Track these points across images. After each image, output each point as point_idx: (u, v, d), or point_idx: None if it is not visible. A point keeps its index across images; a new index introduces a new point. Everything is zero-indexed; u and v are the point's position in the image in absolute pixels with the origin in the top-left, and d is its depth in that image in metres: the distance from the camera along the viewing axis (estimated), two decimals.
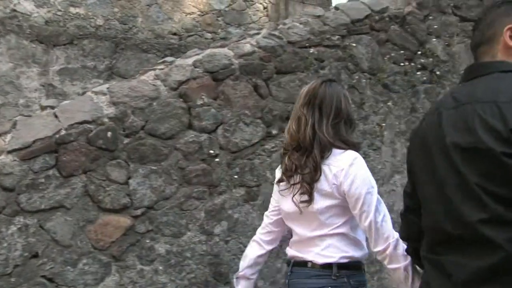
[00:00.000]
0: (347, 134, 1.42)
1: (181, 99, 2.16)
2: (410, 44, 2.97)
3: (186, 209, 2.17)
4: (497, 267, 0.84)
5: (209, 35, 4.59)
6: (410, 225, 1.15)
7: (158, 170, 2.08)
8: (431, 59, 3.03)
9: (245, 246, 2.25)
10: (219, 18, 4.77)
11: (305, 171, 1.36)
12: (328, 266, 1.36)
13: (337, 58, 2.64)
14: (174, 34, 4.44)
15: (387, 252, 1.29)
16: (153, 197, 2.08)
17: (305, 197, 1.36)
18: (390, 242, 1.30)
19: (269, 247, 1.57)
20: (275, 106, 2.38)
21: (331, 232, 1.37)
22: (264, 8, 4.97)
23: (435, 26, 3.09)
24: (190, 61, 2.22)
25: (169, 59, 2.32)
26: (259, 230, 1.61)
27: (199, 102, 2.18)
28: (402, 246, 1.28)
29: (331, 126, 1.38)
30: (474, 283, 0.87)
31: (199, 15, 4.65)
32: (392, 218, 2.67)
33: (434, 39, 3.08)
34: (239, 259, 2.23)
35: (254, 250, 1.58)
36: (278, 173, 1.50)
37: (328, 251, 1.37)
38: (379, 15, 2.88)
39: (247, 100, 2.33)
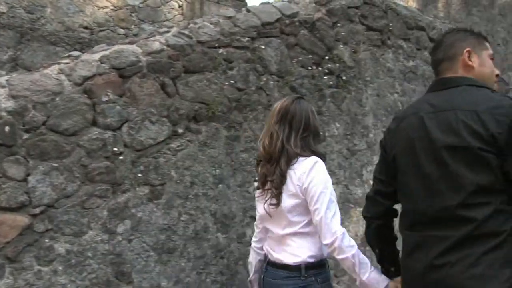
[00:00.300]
0: (314, 145, 1.91)
1: (85, 95, 2.42)
2: (319, 49, 3.52)
3: (88, 207, 2.41)
4: (471, 235, 1.34)
5: (122, 31, 4.83)
6: (378, 206, 1.70)
7: (60, 167, 2.30)
8: (338, 65, 3.62)
9: (149, 245, 2.64)
10: (133, 14, 5.05)
11: (274, 178, 1.82)
12: (296, 268, 1.79)
13: (246, 59, 3.08)
14: (85, 27, 4.61)
15: (335, 244, 1.71)
16: (54, 195, 2.28)
17: (274, 201, 1.83)
18: (337, 236, 1.71)
19: (264, 251, 2.02)
20: (182, 105, 2.74)
21: (300, 230, 1.82)
22: (179, 6, 5.34)
23: (343, 33, 3.69)
24: (96, 56, 2.50)
25: (75, 53, 2.57)
26: (253, 239, 2.11)
27: (104, 98, 2.47)
28: (349, 239, 1.73)
29: (300, 139, 1.84)
30: (455, 249, 1.36)
31: (112, 9, 4.88)
32: None
33: (342, 46, 3.67)
34: (142, 258, 2.61)
35: (253, 257, 2.08)
36: (255, 183, 1.99)
37: (299, 251, 1.81)
38: (289, 19, 3.39)
39: (153, 98, 2.66)
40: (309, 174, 1.78)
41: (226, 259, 2.89)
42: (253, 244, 2.11)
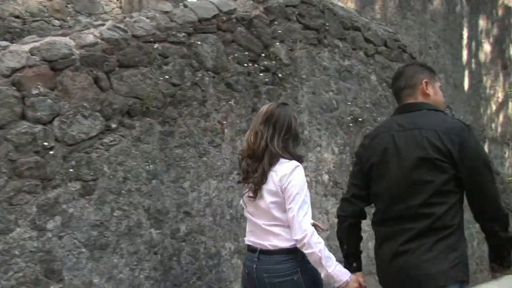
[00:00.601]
0: (293, 148, 2.19)
1: (14, 87, 2.48)
2: (255, 46, 3.74)
3: (16, 203, 2.46)
4: (429, 227, 1.83)
5: (57, 22, 4.80)
6: (353, 206, 2.13)
7: None
8: (274, 62, 3.84)
9: (80, 242, 2.74)
10: (69, 5, 5.03)
11: (255, 175, 2.12)
12: (292, 251, 2.09)
13: (181, 55, 3.24)
14: (17, 17, 4.54)
15: (304, 240, 2.00)
16: None
17: (251, 194, 2.14)
18: (307, 233, 2.00)
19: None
20: (115, 100, 2.86)
21: (280, 224, 2.11)
22: None
23: (280, 31, 3.92)
24: (26, 47, 2.56)
25: (3, 43, 2.61)
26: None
27: (35, 91, 2.54)
28: (317, 236, 2.03)
29: (281, 140, 2.13)
30: (416, 239, 1.84)
31: None
32: (230, 214, 3.44)
33: (278, 43, 3.91)
34: (74, 255, 2.71)
35: None
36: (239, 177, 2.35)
37: (289, 237, 2.08)
38: (226, 16, 3.57)
39: (86, 92, 2.76)
40: (289, 177, 2.09)
41: (160, 255, 3.04)
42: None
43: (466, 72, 14.73)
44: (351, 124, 4.40)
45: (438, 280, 1.84)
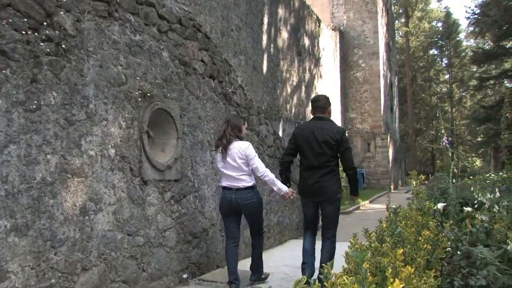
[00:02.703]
0: (240, 134, 5.00)
1: None
2: (36, 13, 3.59)
3: None
4: (328, 171, 4.80)
5: None
6: (289, 156, 5.10)
7: None
8: (58, 32, 3.75)
9: None
10: None
11: (224, 147, 4.88)
12: (252, 187, 4.90)
13: None
14: None
15: (263, 174, 4.86)
16: None
17: (223, 156, 4.87)
18: (264, 171, 4.85)
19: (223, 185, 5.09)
20: None
21: (246, 173, 4.86)
22: None
23: (65, 0, 3.85)
24: None
25: None
26: (218, 179, 5.28)
27: None
28: (269, 172, 4.92)
29: (232, 131, 4.92)
30: (323, 175, 4.78)
31: None
32: (5, 189, 3.30)
33: (63, 13, 3.82)
34: None
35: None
36: (214, 152, 5.35)
37: (250, 180, 4.89)
38: None
39: None
40: (248, 149, 4.85)
41: None
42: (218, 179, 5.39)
43: (265, 56, 16.10)
44: (139, 99, 4.55)
45: (332, 191, 4.83)
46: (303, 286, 1.62)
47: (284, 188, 4.99)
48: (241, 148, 4.79)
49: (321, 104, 4.94)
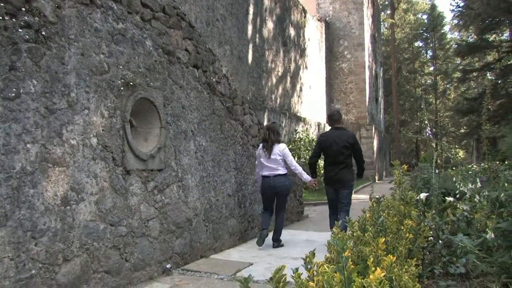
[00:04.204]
0: (280, 138, 7.04)
1: None
2: None
3: None
4: (345, 166, 6.73)
5: None
6: (316, 158, 7.06)
7: None
8: (37, 19, 3.67)
9: None
10: None
11: (269, 148, 6.81)
12: (284, 174, 6.80)
13: None
14: None
15: (295, 167, 6.81)
16: None
17: (268, 154, 6.78)
18: (296, 166, 6.82)
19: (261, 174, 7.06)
20: None
21: (281, 165, 6.76)
22: None
23: None
24: None
25: None
26: (257, 171, 7.13)
27: None
28: (298, 166, 6.90)
29: (275, 136, 6.86)
30: (342, 169, 6.68)
31: None
32: None
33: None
34: None
35: (259, 176, 7.00)
36: (259, 149, 7.01)
37: (284, 170, 6.81)
38: None
39: None
40: (284, 149, 6.80)
41: None
42: (257, 174, 7.05)
43: (251, 46, 16.05)
44: (122, 88, 4.49)
45: (347, 180, 6.71)
46: (283, 274, 1.62)
47: (308, 178, 6.97)
48: (280, 148, 6.79)
49: (336, 118, 6.99)
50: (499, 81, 25.90)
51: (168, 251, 5.19)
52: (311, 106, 23.37)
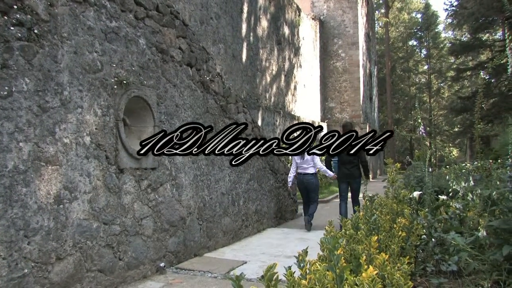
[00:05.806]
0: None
1: None
2: None
3: None
4: (354, 165, 8.58)
5: None
6: (331, 157, 9.08)
7: None
8: (30, 17, 3.65)
9: None
10: None
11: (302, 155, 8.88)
12: (313, 173, 8.80)
13: None
14: None
15: (321, 167, 8.85)
16: None
17: (301, 158, 8.86)
18: (321, 166, 8.84)
19: (297, 172, 9.07)
20: None
21: (312, 166, 8.75)
22: None
23: None
24: None
25: None
26: (292, 170, 9.03)
27: None
28: (323, 166, 8.96)
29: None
30: (353, 167, 8.57)
31: None
32: None
33: None
34: None
35: (293, 174, 8.99)
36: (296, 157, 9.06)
37: (313, 170, 8.78)
38: None
39: None
40: (314, 157, 8.74)
41: None
42: (293, 170, 8.96)
43: (245, 44, 16.03)
44: (115, 87, 4.48)
45: (356, 175, 8.54)
46: (274, 272, 1.62)
47: (331, 173, 8.80)
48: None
49: (348, 128, 8.58)
50: (492, 80, 26.08)
51: (162, 249, 5.19)
52: (305, 105, 23.40)
